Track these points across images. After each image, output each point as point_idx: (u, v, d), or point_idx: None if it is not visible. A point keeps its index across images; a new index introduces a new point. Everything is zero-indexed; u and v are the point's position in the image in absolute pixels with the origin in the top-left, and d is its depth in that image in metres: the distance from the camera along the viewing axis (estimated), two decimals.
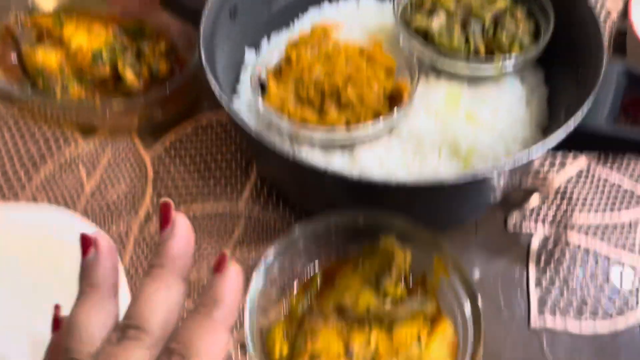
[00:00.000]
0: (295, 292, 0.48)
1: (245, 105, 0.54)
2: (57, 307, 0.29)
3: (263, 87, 0.52)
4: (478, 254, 0.52)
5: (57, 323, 0.29)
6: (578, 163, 0.58)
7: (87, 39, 0.64)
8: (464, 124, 0.50)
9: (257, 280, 0.44)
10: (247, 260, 0.53)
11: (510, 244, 0.53)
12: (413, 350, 0.43)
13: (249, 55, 0.59)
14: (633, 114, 0.59)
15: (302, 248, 0.48)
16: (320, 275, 0.48)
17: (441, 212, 0.50)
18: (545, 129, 0.53)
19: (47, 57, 0.63)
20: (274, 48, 0.55)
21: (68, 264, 0.50)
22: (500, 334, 0.48)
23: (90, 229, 0.52)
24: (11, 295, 0.49)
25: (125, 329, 0.25)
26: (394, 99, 0.52)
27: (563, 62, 0.53)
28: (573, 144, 0.48)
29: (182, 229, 0.27)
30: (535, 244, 0.53)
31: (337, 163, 0.49)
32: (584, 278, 0.51)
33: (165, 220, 0.27)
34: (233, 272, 0.27)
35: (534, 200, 0.55)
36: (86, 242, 0.27)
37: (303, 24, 0.60)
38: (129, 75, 0.61)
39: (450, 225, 0.53)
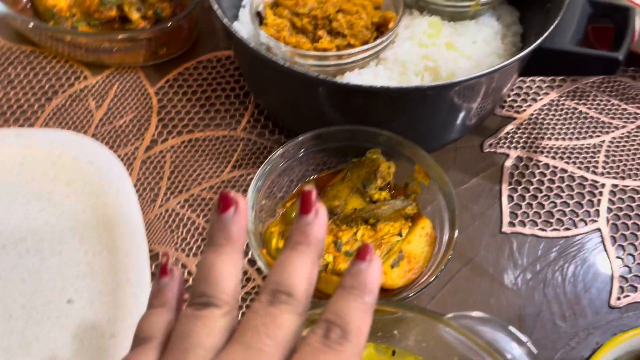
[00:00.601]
0: (288, 200, 0.53)
1: (245, 36, 0.59)
2: (166, 255, 0.31)
3: (261, 20, 0.57)
4: (456, 174, 0.57)
5: (166, 270, 0.31)
6: (549, 96, 0.63)
7: None
8: (444, 51, 0.55)
9: (254, 191, 0.49)
10: (245, 177, 0.57)
11: (486, 165, 0.58)
12: (395, 241, 0.48)
13: None
14: (598, 45, 0.64)
15: (296, 162, 0.52)
16: (313, 185, 0.53)
17: (423, 131, 0.55)
18: None
19: (57, 0, 0.67)
20: None
21: (81, 179, 0.55)
22: (474, 237, 0.53)
23: (101, 148, 0.57)
24: (30, 209, 0.54)
25: (276, 293, 0.27)
26: (381, 31, 0.57)
27: (534, 1, 0.58)
28: (542, 67, 0.53)
29: (323, 216, 0.29)
30: (508, 164, 0.58)
31: None
32: (551, 194, 0.56)
33: (309, 204, 0.29)
34: (378, 262, 0.29)
35: (509, 127, 0.61)
36: (227, 200, 0.29)
37: None
38: (135, 15, 0.65)
39: (430, 147, 0.58)
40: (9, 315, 0.48)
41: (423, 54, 0.55)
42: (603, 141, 0.60)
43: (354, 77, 0.54)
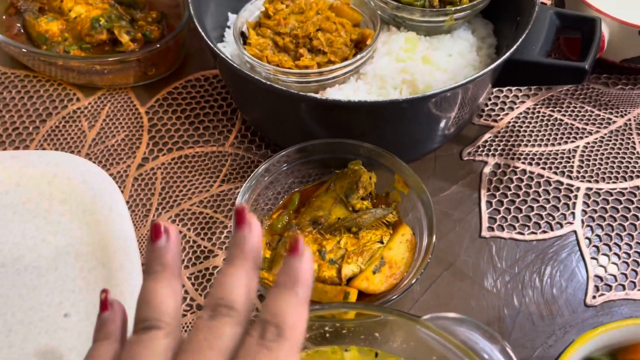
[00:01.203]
0: (275, 212, 0.55)
1: (229, 55, 0.61)
2: (105, 291, 0.32)
3: (244, 39, 0.60)
4: (437, 181, 0.60)
5: (106, 304, 0.32)
6: (525, 105, 0.66)
7: (86, 9, 0.71)
8: (420, 65, 0.58)
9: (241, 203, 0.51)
10: (234, 191, 0.59)
11: (465, 172, 0.60)
12: (376, 248, 0.50)
13: (232, 18, 0.66)
14: (569, 54, 0.66)
15: (281, 175, 0.55)
16: (298, 197, 0.55)
17: (403, 142, 0.57)
18: None
19: (50, 25, 0.70)
20: (253, 7, 0.62)
21: (76, 198, 0.57)
22: (455, 242, 0.55)
23: (94, 168, 0.59)
24: (28, 228, 0.56)
25: (216, 307, 0.28)
26: (360, 47, 0.59)
27: (507, 15, 0.61)
28: (514, 78, 0.56)
29: (257, 229, 0.31)
30: (486, 171, 0.60)
31: None
32: (528, 199, 0.58)
33: (242, 220, 0.30)
34: (308, 254, 0.29)
35: (486, 135, 0.63)
36: (158, 229, 0.30)
37: None
38: (125, 38, 0.68)
39: (411, 156, 0.60)
40: (9, 330, 0.50)
41: (401, 69, 0.57)
42: (577, 146, 0.62)
43: (335, 92, 0.57)
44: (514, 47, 0.51)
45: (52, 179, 0.58)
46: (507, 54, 0.51)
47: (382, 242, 0.50)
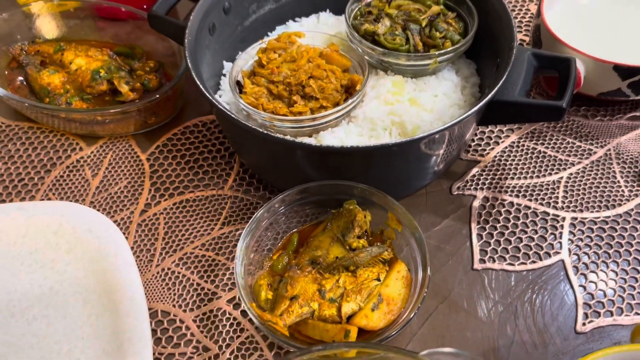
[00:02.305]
0: (275, 253, 0.57)
1: (225, 104, 0.64)
2: None
3: (240, 88, 0.62)
4: (428, 216, 0.62)
5: None
6: (510, 139, 0.69)
7: (86, 61, 0.74)
8: (408, 107, 0.61)
9: (242, 248, 0.53)
10: (234, 233, 0.62)
11: (455, 207, 0.63)
12: (374, 286, 0.52)
13: (227, 67, 0.69)
14: (549, 89, 0.70)
15: (280, 217, 0.57)
16: (296, 237, 0.58)
17: (394, 181, 0.60)
18: None
19: (52, 78, 0.73)
20: (247, 55, 0.65)
21: (81, 246, 0.59)
22: (448, 276, 0.58)
23: (98, 216, 0.61)
24: (35, 278, 0.58)
25: None
26: (349, 92, 0.62)
27: (488, 55, 0.64)
28: (496, 117, 0.59)
29: None
30: (476, 204, 0.63)
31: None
32: (517, 231, 0.61)
33: None
34: None
35: (474, 170, 0.66)
36: None
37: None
38: (124, 88, 0.71)
39: (403, 194, 0.63)
40: None
41: (389, 111, 0.60)
42: (561, 177, 0.65)
43: (328, 136, 0.59)
44: (495, 89, 0.54)
45: (58, 228, 0.60)
46: (489, 96, 0.54)
47: (379, 280, 0.52)
